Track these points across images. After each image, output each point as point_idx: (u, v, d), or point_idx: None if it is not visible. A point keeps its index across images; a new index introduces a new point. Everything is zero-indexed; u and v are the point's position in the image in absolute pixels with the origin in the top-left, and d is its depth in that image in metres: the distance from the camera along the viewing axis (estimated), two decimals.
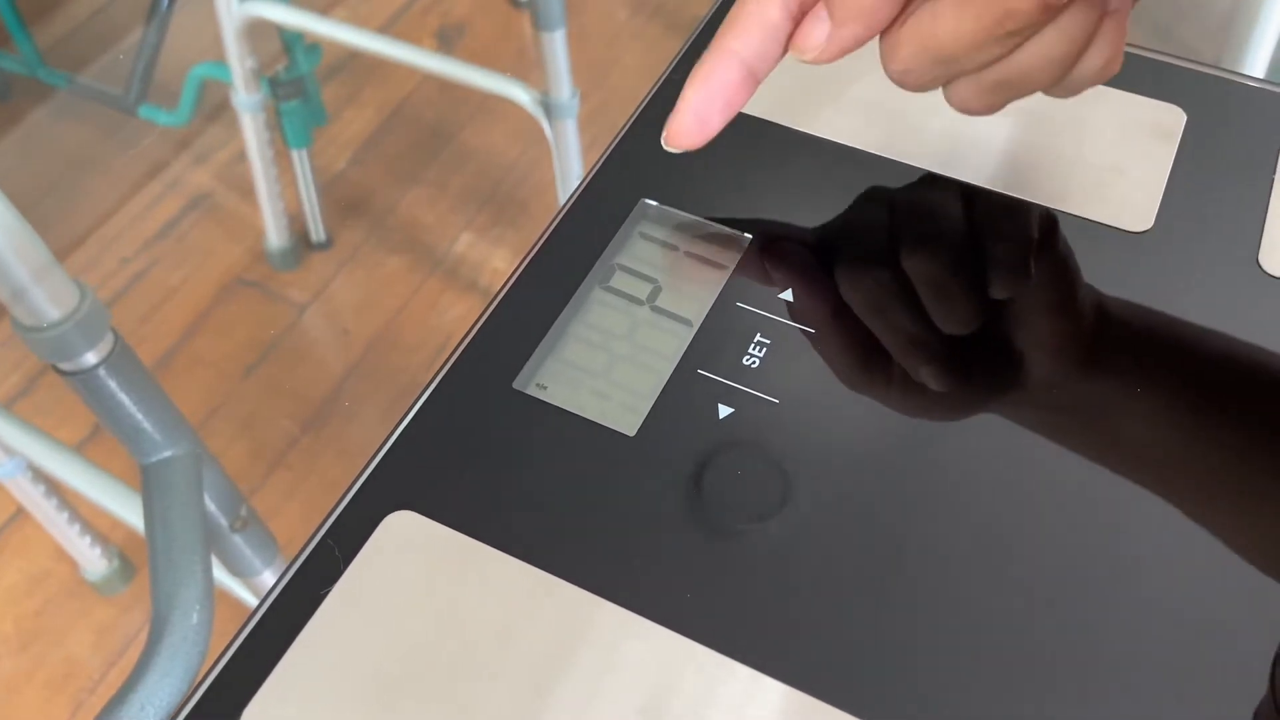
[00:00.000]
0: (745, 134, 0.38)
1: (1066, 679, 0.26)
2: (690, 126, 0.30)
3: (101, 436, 0.97)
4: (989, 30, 0.26)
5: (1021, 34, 0.26)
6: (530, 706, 0.26)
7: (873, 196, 0.36)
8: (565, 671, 0.26)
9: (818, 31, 0.28)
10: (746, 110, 0.38)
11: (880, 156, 0.37)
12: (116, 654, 0.96)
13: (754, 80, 0.30)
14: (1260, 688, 0.26)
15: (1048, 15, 0.26)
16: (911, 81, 0.29)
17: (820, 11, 0.28)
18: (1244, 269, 0.33)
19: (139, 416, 0.51)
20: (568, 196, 0.36)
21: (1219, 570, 0.28)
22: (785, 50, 0.29)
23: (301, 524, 0.99)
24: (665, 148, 0.31)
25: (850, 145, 0.37)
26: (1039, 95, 0.29)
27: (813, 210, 0.35)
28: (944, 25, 0.26)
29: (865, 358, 0.32)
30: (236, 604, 0.74)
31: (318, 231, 1.23)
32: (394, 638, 0.27)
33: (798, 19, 0.29)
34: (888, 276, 0.33)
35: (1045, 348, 0.32)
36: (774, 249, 0.34)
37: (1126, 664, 0.26)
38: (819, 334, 0.32)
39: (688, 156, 0.37)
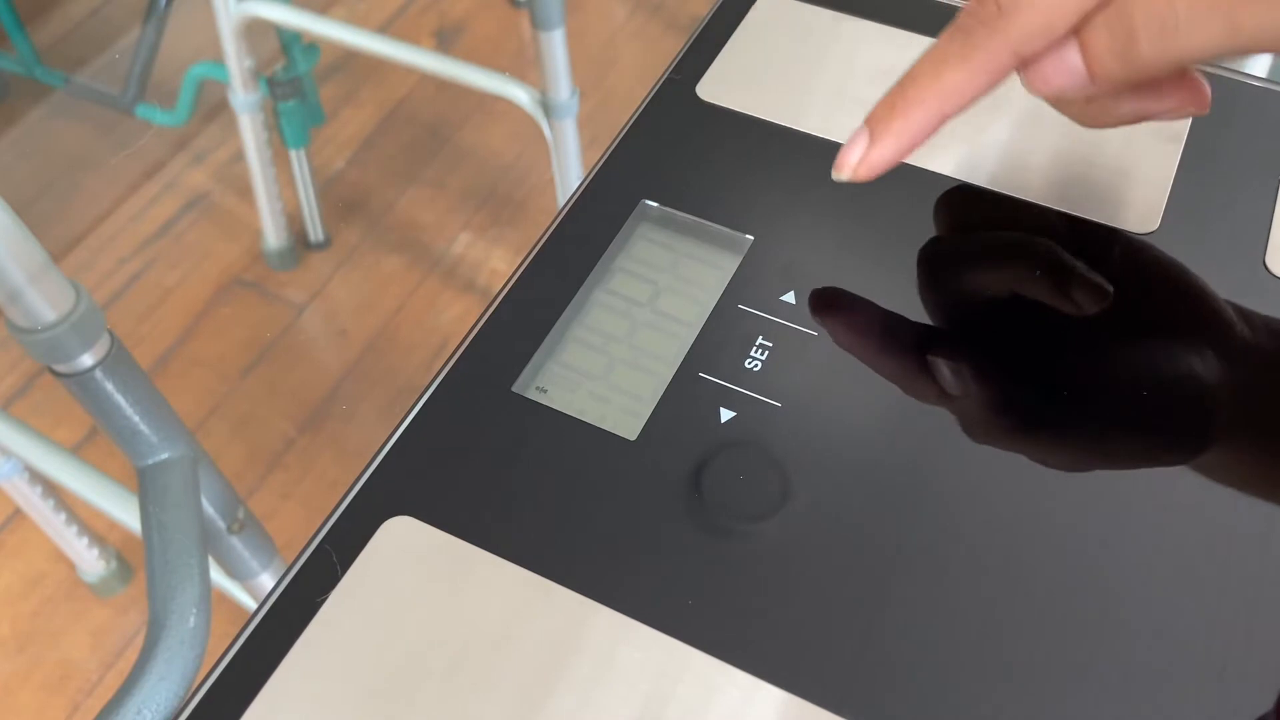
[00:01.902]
0: (747, 134, 0.37)
1: (1067, 686, 0.26)
2: (869, 175, 0.30)
3: (99, 437, 0.97)
4: None
5: None
6: (529, 713, 0.26)
7: (876, 198, 0.35)
8: (564, 678, 0.26)
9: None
10: (748, 111, 0.38)
11: None
12: (114, 656, 0.96)
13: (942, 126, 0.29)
14: (1264, 701, 0.25)
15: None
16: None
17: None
18: (1251, 270, 0.33)
19: (135, 419, 0.51)
20: (567, 197, 0.36)
21: (1221, 577, 0.27)
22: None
23: (299, 525, 0.99)
24: (833, 176, 0.30)
25: None
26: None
27: (815, 211, 0.35)
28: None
29: (871, 360, 0.32)
30: (234, 606, 0.73)
31: (315, 231, 1.23)
32: (392, 644, 0.27)
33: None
34: (894, 279, 0.33)
35: (1065, 350, 0.32)
36: (776, 250, 0.34)
37: (1128, 671, 0.26)
38: (822, 336, 0.32)
39: (689, 157, 0.37)
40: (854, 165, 0.30)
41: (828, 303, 0.33)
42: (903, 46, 0.39)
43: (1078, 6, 0.27)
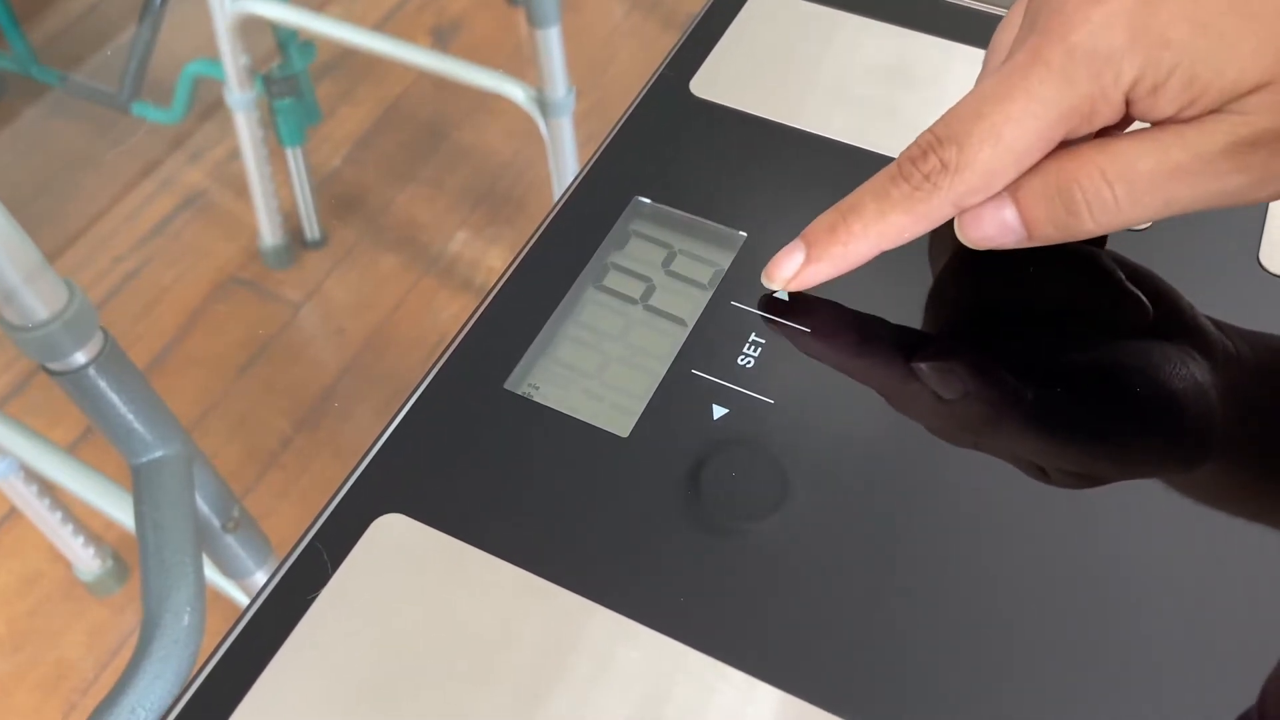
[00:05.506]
0: (740, 130, 0.37)
1: (1063, 686, 0.26)
2: (800, 289, 0.32)
3: (95, 436, 0.97)
4: None
5: None
6: (523, 711, 0.26)
7: None
8: (557, 678, 0.26)
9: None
10: (742, 107, 0.38)
11: (878, 154, 0.36)
12: (109, 655, 0.95)
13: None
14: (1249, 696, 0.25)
15: None
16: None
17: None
18: (1245, 267, 0.33)
19: (129, 417, 0.51)
20: (561, 194, 0.36)
21: (1219, 578, 0.27)
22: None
23: (295, 524, 0.98)
24: (763, 283, 0.32)
25: (847, 142, 0.37)
26: None
27: (809, 207, 0.35)
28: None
29: (863, 356, 0.32)
30: (229, 605, 0.73)
31: (312, 230, 1.23)
32: (383, 642, 0.27)
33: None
34: (888, 276, 0.33)
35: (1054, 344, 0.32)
36: (769, 247, 0.34)
37: (1123, 671, 0.26)
38: (815, 333, 0.32)
39: (682, 153, 0.37)
40: (787, 279, 0.32)
41: (816, 300, 0.33)
42: (895, 42, 0.39)
43: (1014, 169, 0.28)
